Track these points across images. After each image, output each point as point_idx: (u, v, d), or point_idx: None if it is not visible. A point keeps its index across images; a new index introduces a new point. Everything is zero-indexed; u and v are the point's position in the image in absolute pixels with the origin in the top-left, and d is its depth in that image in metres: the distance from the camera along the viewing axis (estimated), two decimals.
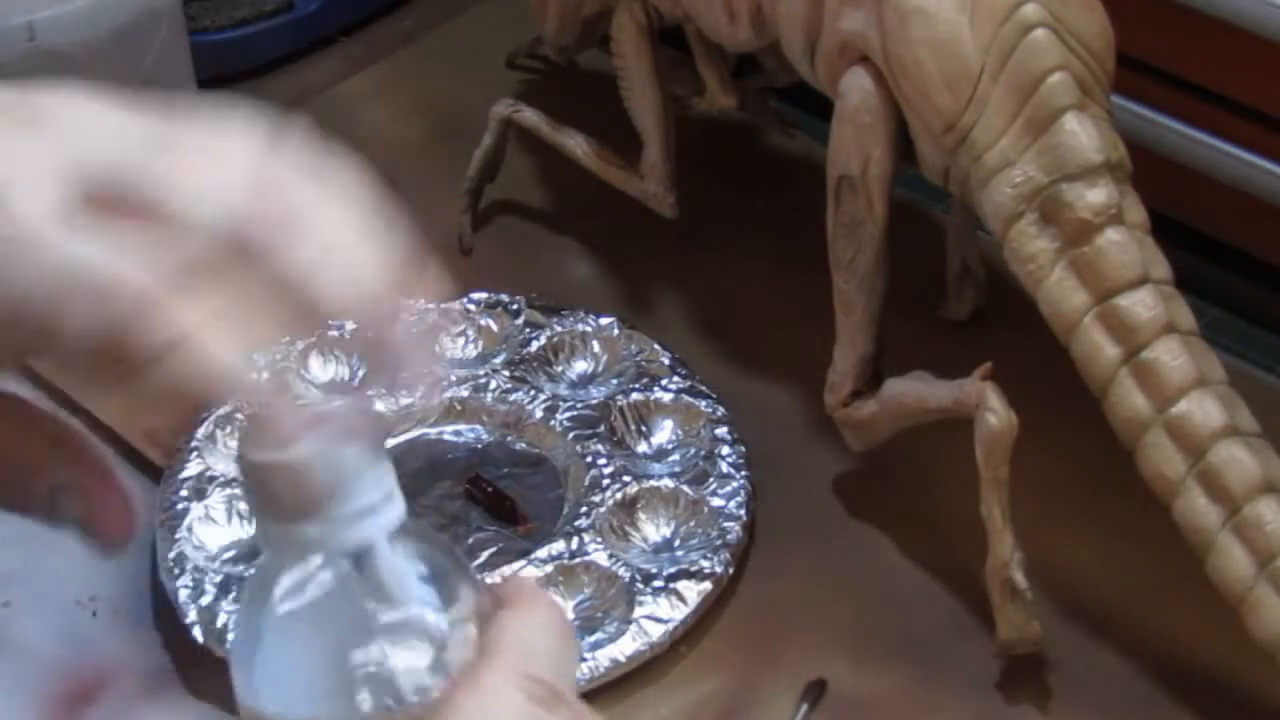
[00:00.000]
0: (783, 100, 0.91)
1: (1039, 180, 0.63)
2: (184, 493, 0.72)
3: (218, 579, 0.68)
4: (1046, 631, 0.66)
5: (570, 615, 0.68)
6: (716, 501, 0.72)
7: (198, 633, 0.67)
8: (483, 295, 0.80)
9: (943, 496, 0.72)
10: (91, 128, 0.40)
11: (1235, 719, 0.66)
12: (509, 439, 0.76)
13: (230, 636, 0.65)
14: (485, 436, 0.76)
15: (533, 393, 0.76)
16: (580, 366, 0.78)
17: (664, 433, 0.75)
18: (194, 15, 0.92)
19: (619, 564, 0.70)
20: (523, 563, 0.70)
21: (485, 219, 0.87)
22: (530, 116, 0.84)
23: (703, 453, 0.74)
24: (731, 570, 0.70)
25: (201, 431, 0.74)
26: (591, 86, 0.90)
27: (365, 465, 0.38)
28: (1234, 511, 0.61)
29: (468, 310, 0.79)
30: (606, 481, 0.73)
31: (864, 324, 0.70)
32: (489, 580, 0.53)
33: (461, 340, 0.79)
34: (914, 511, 0.73)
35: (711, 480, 0.73)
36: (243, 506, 0.71)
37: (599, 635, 0.68)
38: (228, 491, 0.72)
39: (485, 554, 0.71)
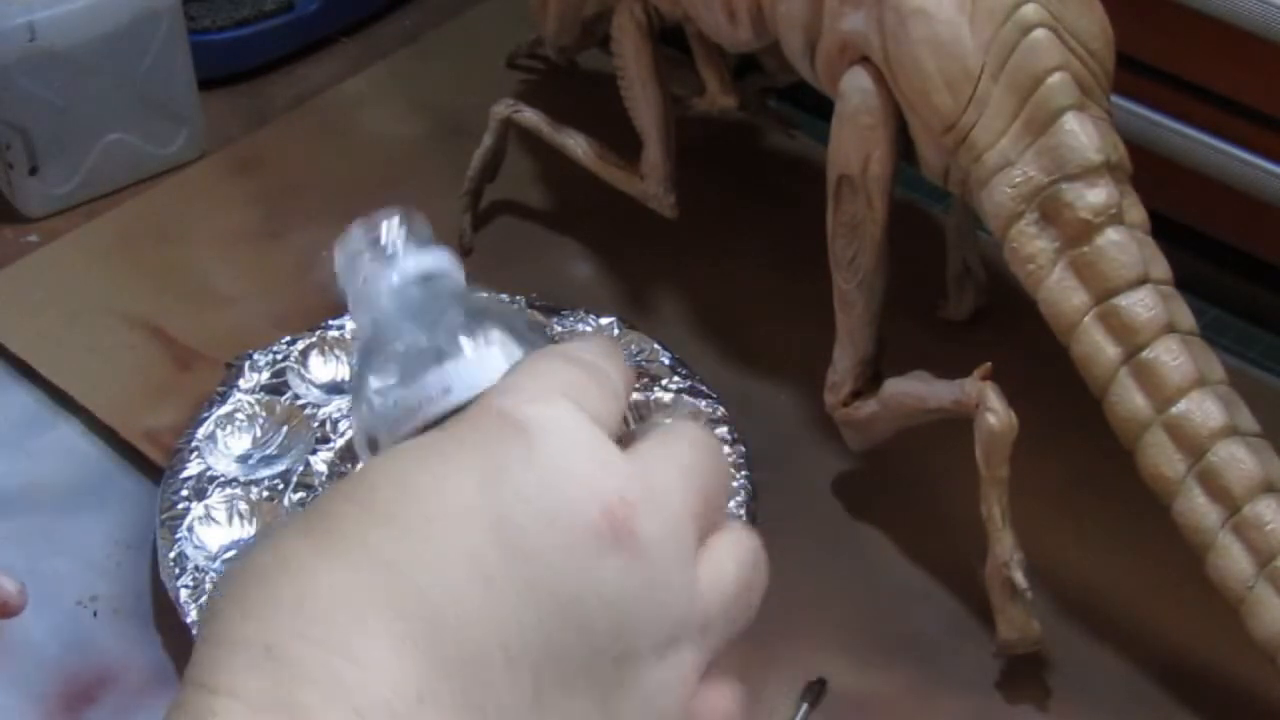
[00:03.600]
0: (783, 100, 0.91)
1: (1039, 180, 0.63)
2: (184, 493, 0.72)
3: (218, 579, 0.68)
4: (1046, 631, 0.66)
5: None
6: None
7: (198, 633, 0.67)
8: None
9: (943, 496, 0.72)
10: None
11: (1235, 719, 0.66)
12: None
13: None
14: None
15: None
16: None
17: None
18: (194, 15, 0.92)
19: None
20: None
21: (485, 219, 0.86)
22: (530, 116, 0.84)
23: None
24: None
25: (201, 431, 0.74)
26: (591, 86, 0.90)
27: None
28: (1234, 511, 0.61)
29: None
30: None
31: (864, 324, 0.70)
32: None
33: None
34: (914, 511, 0.73)
35: None
36: (243, 506, 0.71)
37: None
38: (228, 491, 0.72)
39: None
